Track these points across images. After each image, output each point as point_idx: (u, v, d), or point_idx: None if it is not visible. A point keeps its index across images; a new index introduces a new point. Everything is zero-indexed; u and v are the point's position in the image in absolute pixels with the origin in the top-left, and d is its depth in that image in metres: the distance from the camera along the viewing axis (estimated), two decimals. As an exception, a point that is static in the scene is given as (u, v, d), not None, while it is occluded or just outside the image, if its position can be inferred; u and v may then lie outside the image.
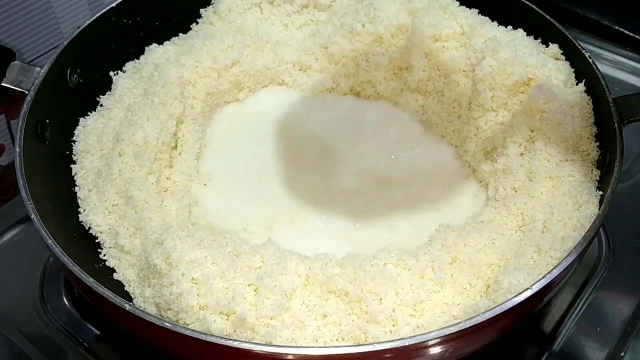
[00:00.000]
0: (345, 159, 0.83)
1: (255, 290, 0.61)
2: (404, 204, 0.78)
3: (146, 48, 0.88)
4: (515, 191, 0.72)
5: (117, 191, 0.73)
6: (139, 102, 0.79)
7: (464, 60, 0.82)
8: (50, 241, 0.63)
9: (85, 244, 0.72)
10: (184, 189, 0.77)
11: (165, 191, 0.76)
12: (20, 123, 0.72)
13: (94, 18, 0.82)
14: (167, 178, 0.77)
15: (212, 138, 0.85)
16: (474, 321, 0.56)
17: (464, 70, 0.82)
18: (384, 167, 0.82)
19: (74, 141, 0.79)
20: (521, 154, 0.74)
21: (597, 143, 0.72)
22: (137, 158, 0.74)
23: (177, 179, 0.78)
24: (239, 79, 0.87)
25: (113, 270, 0.71)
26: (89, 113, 0.82)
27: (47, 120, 0.76)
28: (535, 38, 0.82)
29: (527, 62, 0.76)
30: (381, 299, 0.61)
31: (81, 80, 0.82)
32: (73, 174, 0.77)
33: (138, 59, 0.87)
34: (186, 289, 0.61)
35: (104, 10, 0.83)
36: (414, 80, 0.84)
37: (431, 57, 0.83)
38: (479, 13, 0.84)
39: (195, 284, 0.62)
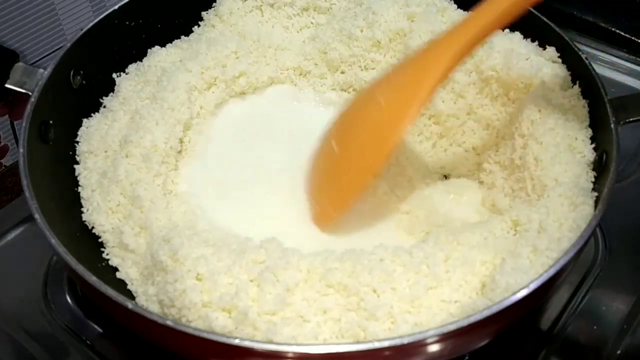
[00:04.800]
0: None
1: (258, 286, 0.62)
2: (399, 205, 0.79)
3: (148, 50, 0.88)
4: (505, 195, 0.73)
5: (121, 192, 0.73)
6: (147, 106, 0.80)
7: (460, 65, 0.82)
8: (53, 240, 0.64)
9: (89, 243, 0.73)
10: (188, 192, 0.78)
11: (170, 193, 0.77)
12: (24, 124, 0.72)
13: (96, 20, 0.83)
14: (172, 181, 0.78)
15: (215, 140, 0.85)
16: (472, 319, 0.57)
17: (459, 76, 0.83)
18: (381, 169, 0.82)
19: (77, 142, 0.80)
20: (512, 159, 0.75)
21: (593, 145, 0.73)
22: (146, 160, 0.75)
23: (182, 181, 0.79)
24: (244, 89, 0.88)
25: (116, 269, 0.72)
26: (92, 114, 0.82)
27: (51, 122, 0.77)
28: (533, 40, 0.82)
29: (523, 67, 0.77)
30: (379, 295, 0.62)
31: (84, 82, 0.82)
32: (76, 174, 0.78)
33: (140, 61, 0.87)
34: (190, 285, 0.62)
35: (106, 13, 0.84)
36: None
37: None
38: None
39: (200, 280, 0.63)
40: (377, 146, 0.71)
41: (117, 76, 0.86)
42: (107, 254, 0.73)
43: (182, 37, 0.91)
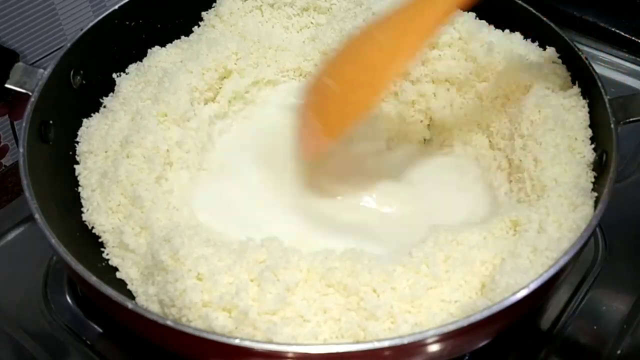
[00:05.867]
0: (345, 161, 0.83)
1: (258, 286, 0.62)
2: (398, 205, 0.79)
3: (149, 50, 0.88)
4: (504, 196, 0.73)
5: (122, 192, 0.73)
6: (148, 107, 0.80)
7: (461, 68, 0.82)
8: (53, 240, 0.64)
9: (89, 243, 0.73)
10: (189, 193, 0.78)
11: (171, 194, 0.77)
12: (24, 124, 0.72)
13: (96, 20, 0.83)
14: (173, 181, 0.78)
15: (215, 142, 0.85)
16: (472, 319, 0.57)
17: (459, 78, 0.83)
18: (380, 172, 0.82)
19: (77, 142, 0.80)
20: (511, 160, 0.75)
21: (593, 145, 0.73)
22: (147, 161, 0.75)
23: (183, 183, 0.78)
24: (244, 93, 0.88)
25: (116, 269, 0.72)
26: (92, 114, 0.82)
27: (51, 121, 0.76)
28: (533, 41, 0.82)
29: (523, 67, 0.76)
30: (379, 295, 0.62)
31: (84, 82, 0.82)
32: (76, 174, 0.77)
33: (141, 61, 0.87)
34: (190, 285, 0.62)
35: (106, 13, 0.84)
36: (410, 87, 0.85)
37: (428, 65, 0.83)
38: (475, 17, 0.85)
39: (200, 280, 0.63)
40: (374, 80, 0.71)
41: (117, 76, 0.85)
42: (107, 254, 0.73)
43: (182, 37, 0.91)
